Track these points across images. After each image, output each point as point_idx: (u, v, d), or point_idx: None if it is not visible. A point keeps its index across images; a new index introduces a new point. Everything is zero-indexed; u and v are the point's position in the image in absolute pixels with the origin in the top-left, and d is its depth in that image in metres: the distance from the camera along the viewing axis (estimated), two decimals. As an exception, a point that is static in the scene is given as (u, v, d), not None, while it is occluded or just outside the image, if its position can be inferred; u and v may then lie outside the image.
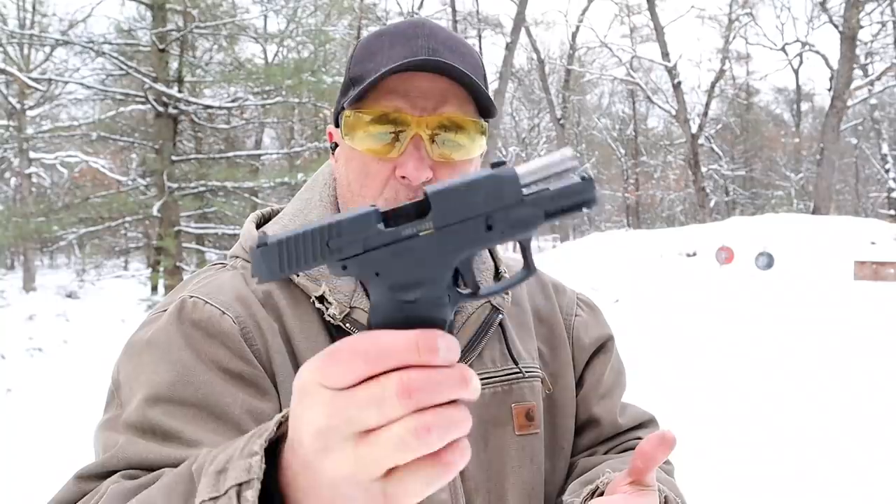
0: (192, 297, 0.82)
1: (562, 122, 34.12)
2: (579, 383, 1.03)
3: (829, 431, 4.87)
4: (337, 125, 0.91)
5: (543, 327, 1.02)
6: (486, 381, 0.90)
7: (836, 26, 24.07)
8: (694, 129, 27.72)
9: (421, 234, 0.45)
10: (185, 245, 14.10)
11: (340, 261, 0.46)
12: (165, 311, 0.83)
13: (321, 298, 0.84)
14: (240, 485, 0.51)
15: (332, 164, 0.95)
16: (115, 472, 0.70)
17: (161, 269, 13.44)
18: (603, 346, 1.06)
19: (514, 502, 0.89)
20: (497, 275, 0.97)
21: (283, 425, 0.53)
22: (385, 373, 0.43)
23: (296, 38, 15.94)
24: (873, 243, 16.75)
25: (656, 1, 27.90)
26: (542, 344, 1.00)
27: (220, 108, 14.96)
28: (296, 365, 0.81)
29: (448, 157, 0.83)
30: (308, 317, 0.84)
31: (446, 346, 0.43)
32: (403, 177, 0.81)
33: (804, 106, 42.14)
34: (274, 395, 0.79)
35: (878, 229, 18.56)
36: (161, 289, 13.95)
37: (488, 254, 1.00)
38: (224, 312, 0.80)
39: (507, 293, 0.94)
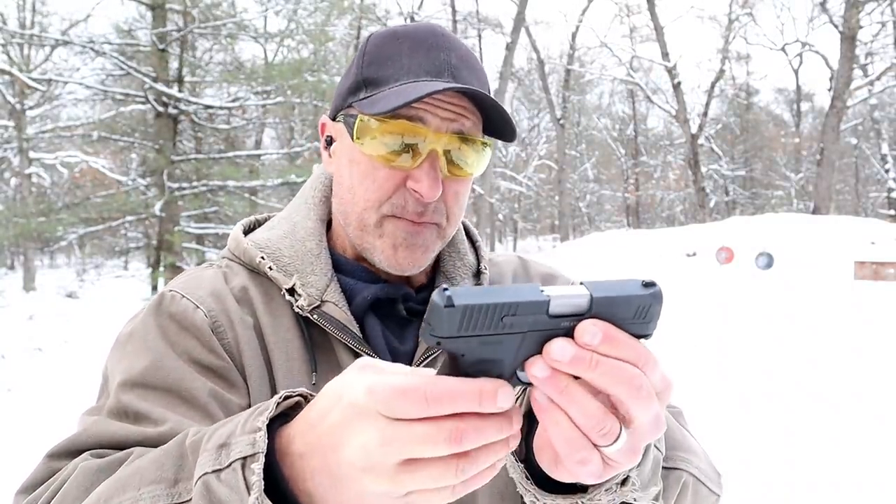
0: (171, 290, 0.86)
1: (562, 122, 34.11)
2: None
3: (828, 431, 4.86)
4: (334, 119, 0.90)
5: None
6: None
7: (836, 26, 24.08)
8: (694, 129, 27.72)
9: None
10: (185, 245, 14.11)
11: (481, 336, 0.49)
12: None
13: (291, 290, 0.85)
14: (244, 458, 0.55)
15: (324, 158, 0.94)
16: (85, 450, 0.73)
17: (162, 267, 13.44)
18: None
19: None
20: (478, 273, 0.98)
21: (278, 406, 0.58)
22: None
23: (296, 37, 15.94)
24: (873, 243, 16.75)
25: (656, 1, 27.89)
26: None
27: (220, 108, 14.97)
28: (266, 359, 0.83)
29: (454, 173, 0.84)
30: (279, 311, 0.86)
31: (504, 395, 0.49)
32: (416, 190, 0.82)
33: (804, 106, 42.17)
34: (243, 388, 0.81)
35: (878, 229, 18.56)
36: (161, 288, 13.98)
37: (470, 250, 1.00)
38: (197, 307, 0.83)
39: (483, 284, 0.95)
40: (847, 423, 5.01)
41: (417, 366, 0.85)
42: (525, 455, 0.67)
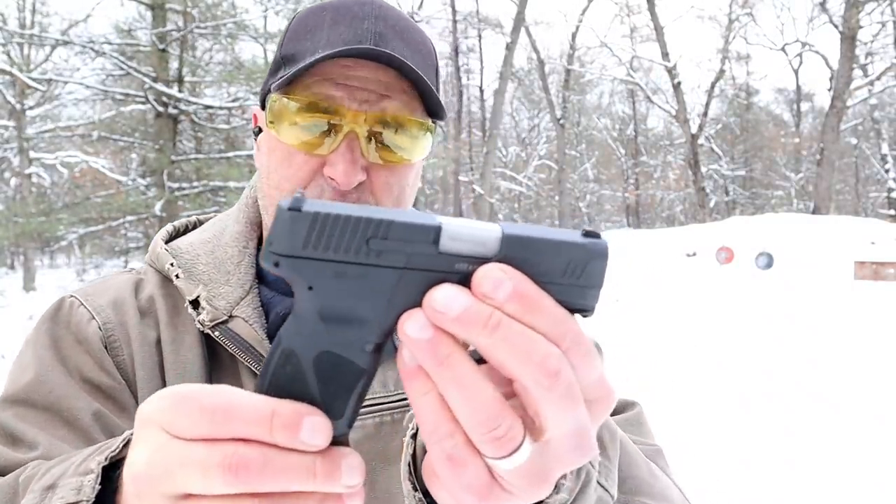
0: (71, 296, 0.79)
1: (562, 122, 34.11)
2: None
3: (828, 431, 4.86)
4: (263, 108, 0.80)
5: None
6: (372, 408, 0.76)
7: (836, 26, 24.08)
8: (694, 129, 27.72)
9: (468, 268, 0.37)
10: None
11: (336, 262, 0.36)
12: None
13: (194, 302, 0.75)
14: None
15: (255, 152, 0.83)
16: None
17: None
18: None
19: None
20: None
21: (128, 444, 0.48)
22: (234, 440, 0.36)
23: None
24: (873, 243, 16.75)
25: (656, 1, 27.89)
26: None
27: (220, 108, 14.97)
28: (163, 379, 0.74)
29: (386, 159, 0.73)
30: (184, 326, 0.76)
31: (312, 427, 0.36)
32: (331, 177, 0.72)
33: (804, 106, 42.19)
34: (133, 411, 0.72)
35: (878, 229, 18.57)
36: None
37: None
38: (93, 317, 0.76)
39: None
40: (847, 423, 5.01)
41: None
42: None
